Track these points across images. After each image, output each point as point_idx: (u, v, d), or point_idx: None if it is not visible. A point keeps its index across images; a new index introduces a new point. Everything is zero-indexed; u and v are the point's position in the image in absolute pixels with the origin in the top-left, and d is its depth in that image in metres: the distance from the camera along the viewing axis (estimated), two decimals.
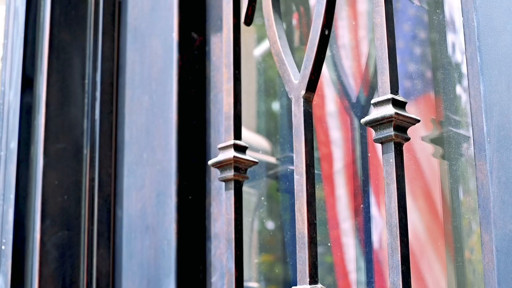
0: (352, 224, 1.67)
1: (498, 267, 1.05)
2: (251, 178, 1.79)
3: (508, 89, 1.07)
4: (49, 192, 1.76)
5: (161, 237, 1.65)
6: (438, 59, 1.52)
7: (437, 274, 1.47)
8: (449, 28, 1.51)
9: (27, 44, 1.86)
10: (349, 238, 1.68)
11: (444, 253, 1.44)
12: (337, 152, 1.77)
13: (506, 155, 1.06)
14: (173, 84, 1.70)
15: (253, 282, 1.85)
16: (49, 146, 1.78)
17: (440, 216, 1.48)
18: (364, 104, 1.68)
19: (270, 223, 1.87)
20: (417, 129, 1.46)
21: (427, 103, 1.54)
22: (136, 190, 1.74)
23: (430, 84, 1.55)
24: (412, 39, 1.61)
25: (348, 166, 1.72)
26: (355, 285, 1.62)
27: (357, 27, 1.79)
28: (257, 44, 2.01)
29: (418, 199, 1.52)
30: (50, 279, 1.73)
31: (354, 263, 1.64)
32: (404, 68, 1.59)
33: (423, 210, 1.52)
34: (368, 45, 1.76)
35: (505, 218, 1.05)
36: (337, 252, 1.69)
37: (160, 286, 1.62)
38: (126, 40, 1.85)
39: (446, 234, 1.45)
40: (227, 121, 1.47)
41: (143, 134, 1.75)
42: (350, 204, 1.70)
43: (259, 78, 1.97)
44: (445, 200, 1.47)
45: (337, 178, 1.74)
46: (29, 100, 1.84)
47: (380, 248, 1.57)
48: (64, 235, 1.76)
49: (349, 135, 1.72)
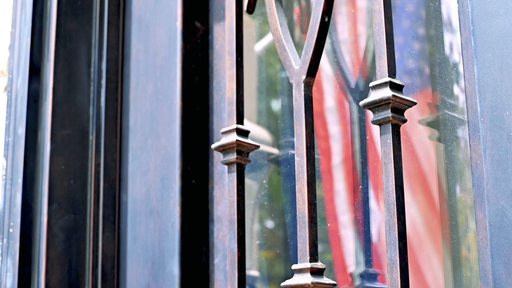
0: (351, 218, 1.71)
1: (491, 241, 1.09)
2: (252, 168, 1.83)
3: (501, 71, 1.12)
4: (56, 176, 1.80)
5: (165, 220, 1.69)
6: (435, 55, 1.56)
7: (433, 251, 1.51)
8: (446, 27, 1.55)
9: (35, 33, 1.89)
10: (348, 231, 1.71)
11: (440, 232, 1.48)
12: (336, 147, 1.81)
13: (498, 134, 1.10)
14: (177, 72, 1.74)
15: (254, 269, 1.89)
16: (56, 132, 1.82)
17: (435, 197, 1.52)
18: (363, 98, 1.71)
19: (272, 208, 1.91)
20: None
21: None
22: (140, 175, 1.78)
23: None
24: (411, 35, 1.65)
25: (347, 160, 1.76)
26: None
27: (356, 23, 1.83)
28: (258, 40, 2.06)
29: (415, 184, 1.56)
30: (57, 261, 1.76)
31: (353, 256, 1.68)
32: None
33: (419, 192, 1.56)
34: (367, 40, 1.79)
35: (498, 194, 1.09)
36: (336, 246, 1.72)
37: (164, 268, 1.66)
38: (131, 29, 1.89)
39: (441, 213, 1.49)
40: (230, 106, 1.51)
41: (148, 121, 1.79)
42: (349, 198, 1.73)
43: (260, 74, 2.01)
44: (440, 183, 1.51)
45: (336, 173, 1.78)
46: (37, 88, 1.87)
47: (379, 241, 1.61)
48: (71, 219, 1.79)
49: (348, 130, 1.75)
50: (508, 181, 1.09)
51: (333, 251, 1.72)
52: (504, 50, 1.12)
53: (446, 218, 1.48)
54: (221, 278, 1.64)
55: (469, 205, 1.45)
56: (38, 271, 1.77)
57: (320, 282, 1.28)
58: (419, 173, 1.57)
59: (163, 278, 1.66)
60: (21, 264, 1.77)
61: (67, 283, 1.76)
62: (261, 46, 2.08)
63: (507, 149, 1.09)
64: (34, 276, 1.78)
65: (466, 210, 1.46)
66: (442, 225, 1.48)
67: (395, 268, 1.16)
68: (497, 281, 1.08)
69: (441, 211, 1.50)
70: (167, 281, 1.65)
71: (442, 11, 1.56)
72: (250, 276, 1.88)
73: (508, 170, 1.09)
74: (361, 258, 1.63)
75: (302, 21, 1.92)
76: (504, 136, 1.10)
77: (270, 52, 2.07)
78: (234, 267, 1.44)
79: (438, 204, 1.51)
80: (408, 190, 1.54)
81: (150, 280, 1.68)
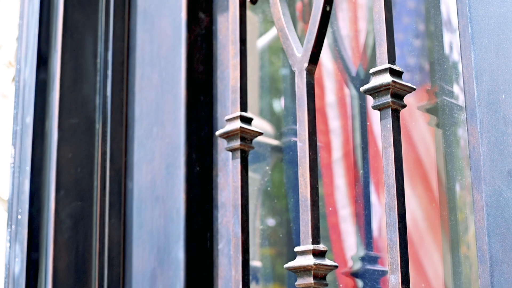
0: (352, 212, 1.74)
1: (488, 221, 1.13)
2: (255, 160, 1.86)
3: (497, 56, 1.15)
4: (63, 164, 1.83)
5: (170, 207, 1.72)
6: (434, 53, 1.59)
7: (432, 232, 1.55)
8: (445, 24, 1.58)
9: (42, 24, 1.92)
10: (348, 225, 1.74)
11: (439, 215, 1.52)
12: (336, 141, 1.84)
13: (495, 117, 1.14)
14: (182, 62, 1.77)
15: (257, 260, 1.92)
16: (63, 121, 1.85)
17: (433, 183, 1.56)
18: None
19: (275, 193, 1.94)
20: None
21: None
22: (146, 163, 1.81)
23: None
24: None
25: (347, 155, 1.79)
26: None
27: (356, 19, 1.86)
28: (260, 37, 2.09)
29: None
30: (64, 247, 1.79)
31: (354, 250, 1.70)
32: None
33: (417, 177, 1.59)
34: (367, 36, 1.82)
35: (494, 175, 1.13)
36: (336, 239, 1.75)
37: (170, 253, 1.69)
38: (136, 20, 1.92)
39: (440, 196, 1.53)
40: (234, 94, 1.54)
41: (153, 110, 1.82)
42: (349, 192, 1.76)
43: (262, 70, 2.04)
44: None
45: (336, 167, 1.81)
46: (44, 77, 1.90)
47: (379, 236, 1.64)
48: (78, 206, 1.83)
49: (348, 125, 1.79)
50: (504, 163, 1.12)
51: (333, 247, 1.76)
52: (500, 35, 1.15)
53: (444, 201, 1.52)
54: (225, 263, 1.67)
55: (467, 187, 1.48)
56: (46, 256, 1.80)
57: (322, 263, 1.31)
58: (417, 159, 1.60)
59: (168, 263, 1.69)
60: (29, 249, 1.80)
61: (74, 268, 1.79)
62: (264, 42, 2.12)
63: (503, 131, 1.13)
64: (42, 261, 1.81)
65: (465, 194, 1.49)
66: (441, 207, 1.52)
67: (395, 248, 1.20)
68: (494, 259, 1.11)
69: (440, 196, 1.53)
70: (172, 266, 1.68)
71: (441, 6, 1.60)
72: (253, 267, 1.92)
73: (504, 151, 1.12)
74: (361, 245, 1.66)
75: (304, 12, 1.95)
76: (500, 119, 1.13)
77: (272, 49, 2.10)
78: (238, 250, 1.46)
79: (437, 189, 1.54)
80: (408, 178, 1.57)
81: (156, 265, 1.72)
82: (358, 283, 1.65)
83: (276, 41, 2.05)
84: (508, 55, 1.14)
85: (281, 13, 1.51)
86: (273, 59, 2.10)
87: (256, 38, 2.09)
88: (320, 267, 1.31)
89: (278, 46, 2.03)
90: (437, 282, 1.54)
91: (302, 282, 1.32)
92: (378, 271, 1.61)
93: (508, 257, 1.10)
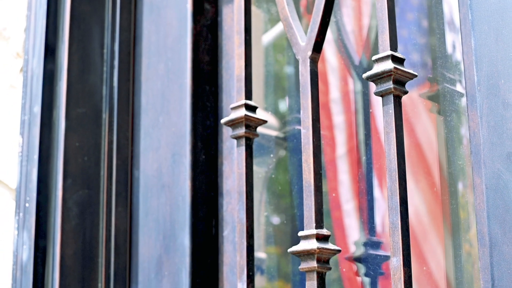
0: (355, 206, 1.76)
1: (487, 203, 1.15)
2: (260, 152, 1.88)
3: (496, 42, 1.18)
4: (71, 153, 1.85)
5: (176, 194, 1.74)
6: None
7: (433, 217, 1.57)
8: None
9: (50, 15, 1.94)
10: (352, 220, 1.76)
11: (440, 197, 1.54)
12: (340, 137, 1.85)
13: (494, 101, 1.17)
14: (187, 52, 1.79)
15: (262, 250, 1.94)
16: (71, 111, 1.87)
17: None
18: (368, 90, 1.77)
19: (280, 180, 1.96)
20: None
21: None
22: (152, 151, 1.83)
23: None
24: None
25: (351, 150, 1.81)
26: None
27: (360, 16, 1.88)
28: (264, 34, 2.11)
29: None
30: (71, 235, 1.82)
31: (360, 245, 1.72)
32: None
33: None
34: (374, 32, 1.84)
35: (494, 158, 1.15)
36: (340, 234, 1.77)
37: (175, 240, 1.71)
38: (143, 12, 1.95)
39: (442, 180, 1.55)
40: (239, 83, 1.56)
41: (159, 99, 1.84)
42: (353, 186, 1.78)
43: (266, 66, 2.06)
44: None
45: (340, 163, 1.83)
46: (52, 68, 1.93)
47: (382, 231, 1.66)
48: (85, 194, 1.85)
49: (352, 120, 1.81)
50: (503, 146, 1.15)
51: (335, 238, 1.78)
52: (500, 22, 1.18)
53: (445, 186, 1.54)
54: (230, 249, 1.69)
55: (468, 174, 1.51)
56: (53, 243, 1.82)
57: (326, 247, 1.33)
58: (416, 145, 1.62)
59: (174, 250, 1.72)
60: (37, 237, 1.82)
61: (81, 255, 1.82)
62: (269, 37, 2.14)
63: (502, 115, 1.15)
64: (50, 248, 1.83)
65: (465, 178, 1.52)
66: (442, 192, 1.54)
67: (397, 231, 1.22)
68: (494, 241, 1.14)
69: (441, 180, 1.56)
70: (178, 253, 1.70)
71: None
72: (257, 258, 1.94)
73: (503, 135, 1.15)
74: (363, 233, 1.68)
75: (308, 4, 1.98)
76: (500, 103, 1.16)
77: (276, 47, 2.12)
78: (242, 236, 1.48)
79: (438, 174, 1.56)
80: (409, 165, 1.59)
81: (162, 252, 1.74)
82: (361, 267, 1.67)
83: (280, 39, 2.07)
84: (507, 41, 1.16)
85: (285, 2, 1.53)
86: (278, 57, 2.12)
87: (261, 35, 2.11)
88: (323, 251, 1.33)
89: (282, 44, 2.05)
90: (437, 266, 1.57)
91: (305, 266, 1.34)
92: (381, 256, 1.63)
93: (507, 238, 1.12)
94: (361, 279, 1.68)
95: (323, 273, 1.33)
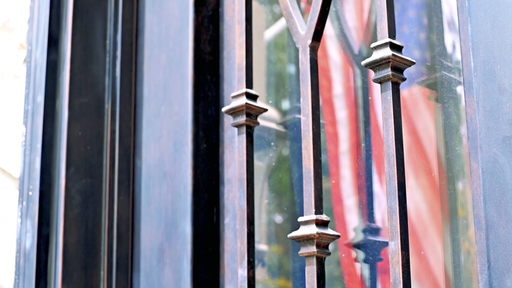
0: (356, 201, 1.77)
1: (483, 186, 1.17)
2: (261, 146, 1.90)
3: (492, 28, 1.20)
4: (73, 142, 1.87)
5: (177, 183, 1.76)
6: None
7: (431, 202, 1.59)
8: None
9: (53, 6, 1.96)
10: (353, 215, 1.78)
11: (438, 183, 1.56)
12: (343, 132, 1.87)
13: (490, 87, 1.18)
14: (189, 43, 1.81)
15: (263, 243, 1.96)
16: (73, 100, 1.89)
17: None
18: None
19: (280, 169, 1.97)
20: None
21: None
22: (154, 141, 1.85)
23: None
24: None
25: (353, 146, 1.82)
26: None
27: (363, 12, 1.90)
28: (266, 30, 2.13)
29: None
30: (74, 223, 1.83)
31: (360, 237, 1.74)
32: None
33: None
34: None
35: (490, 142, 1.17)
36: (340, 227, 1.79)
37: (177, 228, 1.73)
38: (145, 3, 1.96)
39: (439, 164, 1.57)
40: (240, 72, 1.58)
41: (161, 89, 1.86)
42: (354, 182, 1.79)
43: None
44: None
45: (343, 158, 1.84)
46: (55, 58, 1.94)
47: (383, 227, 1.68)
48: (87, 182, 1.87)
49: (354, 116, 1.82)
50: (499, 130, 1.16)
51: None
52: (496, 8, 1.19)
53: (443, 172, 1.56)
54: (231, 237, 1.71)
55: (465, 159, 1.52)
56: (56, 232, 1.84)
57: (325, 233, 1.35)
58: (413, 132, 1.64)
59: (175, 237, 1.73)
60: (40, 225, 1.84)
61: (84, 243, 1.83)
62: (271, 34, 2.15)
63: (498, 100, 1.17)
64: (52, 236, 1.85)
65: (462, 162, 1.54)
66: (440, 177, 1.56)
67: (395, 215, 1.23)
68: (490, 224, 1.15)
69: (439, 165, 1.57)
70: (180, 241, 1.72)
71: None
72: (259, 250, 1.95)
73: (499, 119, 1.16)
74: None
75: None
76: (496, 88, 1.18)
77: (277, 45, 2.13)
78: (243, 223, 1.49)
79: (436, 160, 1.58)
80: (407, 151, 1.61)
81: (164, 240, 1.76)
82: (359, 253, 1.69)
83: (281, 37, 2.09)
84: (503, 27, 1.18)
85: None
86: (280, 56, 2.13)
87: (263, 30, 2.12)
88: (323, 236, 1.34)
89: (283, 42, 2.07)
90: (434, 251, 1.58)
91: (305, 251, 1.35)
92: (380, 242, 1.65)
93: (503, 220, 1.14)
94: (360, 265, 1.70)
95: (323, 258, 1.34)
